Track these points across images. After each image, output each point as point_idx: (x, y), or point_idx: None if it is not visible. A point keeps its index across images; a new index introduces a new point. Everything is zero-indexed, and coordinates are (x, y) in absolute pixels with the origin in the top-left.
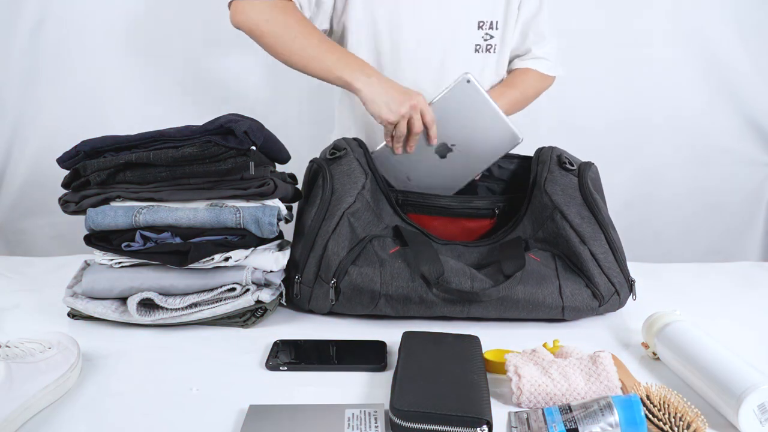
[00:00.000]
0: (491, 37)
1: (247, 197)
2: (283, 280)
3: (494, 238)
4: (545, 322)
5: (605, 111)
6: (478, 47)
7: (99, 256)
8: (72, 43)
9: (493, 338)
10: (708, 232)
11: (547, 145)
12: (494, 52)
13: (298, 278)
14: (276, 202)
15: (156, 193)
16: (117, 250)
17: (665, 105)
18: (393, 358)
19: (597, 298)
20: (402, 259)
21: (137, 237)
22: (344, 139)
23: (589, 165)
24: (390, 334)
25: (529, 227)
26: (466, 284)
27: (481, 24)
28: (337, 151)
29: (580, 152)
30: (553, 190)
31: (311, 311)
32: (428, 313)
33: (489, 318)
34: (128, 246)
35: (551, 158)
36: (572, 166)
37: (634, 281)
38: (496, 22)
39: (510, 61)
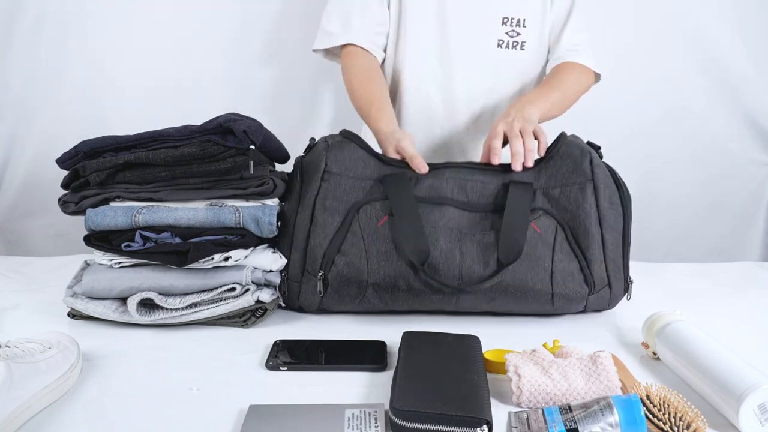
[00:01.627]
0: (518, 34)
1: (247, 197)
2: None
3: (502, 178)
4: (536, 317)
5: (605, 112)
6: (501, 42)
7: (99, 256)
8: (71, 43)
9: (493, 338)
10: (708, 232)
11: None
12: (521, 49)
13: (284, 275)
14: (275, 202)
15: (155, 193)
16: (117, 250)
17: (665, 105)
18: (393, 358)
19: (588, 285)
20: (389, 239)
21: (137, 237)
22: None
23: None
24: (390, 334)
25: (544, 178)
26: (454, 271)
27: (505, 20)
28: (310, 145)
29: None
30: (598, 163)
31: (301, 309)
32: (416, 304)
33: (478, 311)
34: (128, 246)
35: (593, 146)
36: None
37: (632, 281)
38: (524, 20)
39: (546, 63)
